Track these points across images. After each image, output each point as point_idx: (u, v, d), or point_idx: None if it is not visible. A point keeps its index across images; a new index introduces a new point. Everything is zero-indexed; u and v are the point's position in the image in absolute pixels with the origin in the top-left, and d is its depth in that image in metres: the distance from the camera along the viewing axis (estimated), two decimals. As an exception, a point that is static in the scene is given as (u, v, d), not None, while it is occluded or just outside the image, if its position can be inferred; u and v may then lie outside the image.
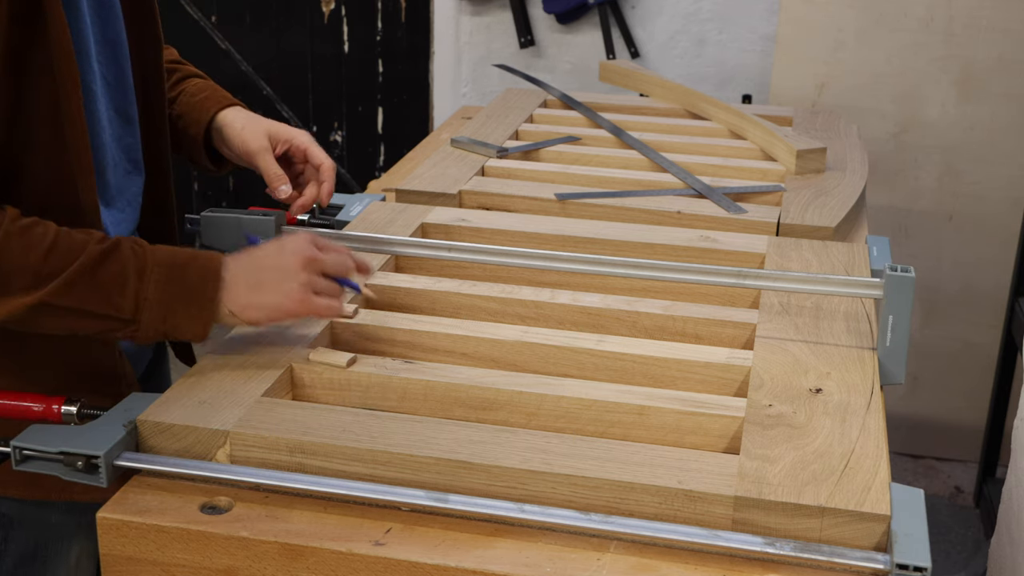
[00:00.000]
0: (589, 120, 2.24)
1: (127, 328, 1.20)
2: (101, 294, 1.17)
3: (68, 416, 1.19)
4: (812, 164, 1.94)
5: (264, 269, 1.24)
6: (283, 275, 1.23)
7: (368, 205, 1.72)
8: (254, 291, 1.23)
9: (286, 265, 1.24)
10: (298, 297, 1.23)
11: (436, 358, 1.33)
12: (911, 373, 3.04)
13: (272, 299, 1.23)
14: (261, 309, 1.23)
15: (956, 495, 3.05)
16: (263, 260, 1.25)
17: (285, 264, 1.24)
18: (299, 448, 1.11)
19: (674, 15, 3.09)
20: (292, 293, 1.23)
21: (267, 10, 3.52)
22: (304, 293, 1.23)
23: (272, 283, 1.23)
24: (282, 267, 1.24)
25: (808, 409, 1.18)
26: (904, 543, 0.98)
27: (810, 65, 2.93)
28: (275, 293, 1.23)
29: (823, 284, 1.35)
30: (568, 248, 1.59)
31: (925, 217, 2.98)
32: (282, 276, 1.23)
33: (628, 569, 1.00)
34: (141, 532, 1.05)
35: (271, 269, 1.24)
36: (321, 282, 1.25)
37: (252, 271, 1.24)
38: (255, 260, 1.25)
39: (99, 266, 1.17)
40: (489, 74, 3.23)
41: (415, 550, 1.02)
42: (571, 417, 1.20)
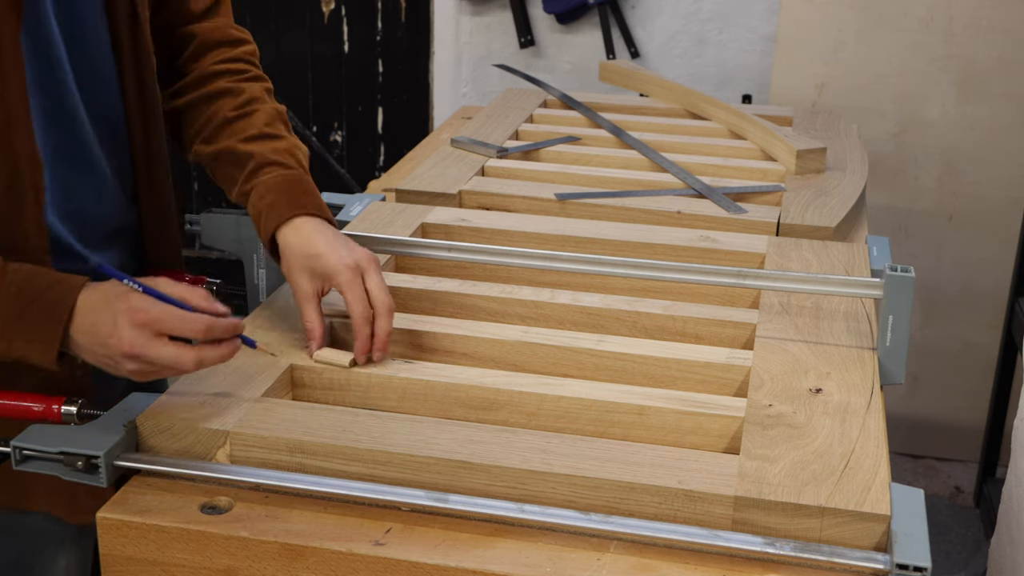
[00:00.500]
0: (589, 120, 2.23)
1: None
2: None
3: (68, 416, 1.19)
4: (812, 164, 1.94)
5: (95, 341, 1.11)
6: (109, 359, 1.12)
7: (368, 205, 1.72)
8: (90, 353, 1.13)
9: (111, 350, 1.10)
10: (126, 375, 1.12)
11: (436, 358, 1.33)
12: (911, 373, 3.04)
13: (105, 368, 1.13)
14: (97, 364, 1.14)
15: (956, 495, 3.05)
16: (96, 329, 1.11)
17: (110, 348, 1.10)
18: (299, 448, 1.11)
19: (674, 15, 3.09)
20: (123, 376, 1.12)
21: (267, 11, 3.51)
22: (136, 378, 1.12)
23: (101, 359, 1.12)
24: (107, 350, 1.11)
25: (808, 409, 1.18)
26: (904, 543, 0.98)
27: (810, 65, 2.93)
28: (109, 369, 1.13)
29: (823, 284, 1.35)
30: (568, 248, 1.59)
31: (925, 217, 2.98)
32: (108, 359, 1.12)
33: (628, 569, 1.00)
34: (141, 532, 1.05)
35: (101, 345, 1.11)
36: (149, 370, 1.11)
37: (89, 333, 1.12)
38: (92, 326, 1.11)
39: None
40: (489, 74, 3.23)
41: (415, 550, 1.02)
42: (571, 417, 1.20)
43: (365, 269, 1.28)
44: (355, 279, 1.26)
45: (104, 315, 1.11)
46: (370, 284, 1.27)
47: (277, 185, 1.34)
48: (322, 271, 1.27)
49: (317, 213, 1.32)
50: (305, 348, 1.28)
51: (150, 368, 1.11)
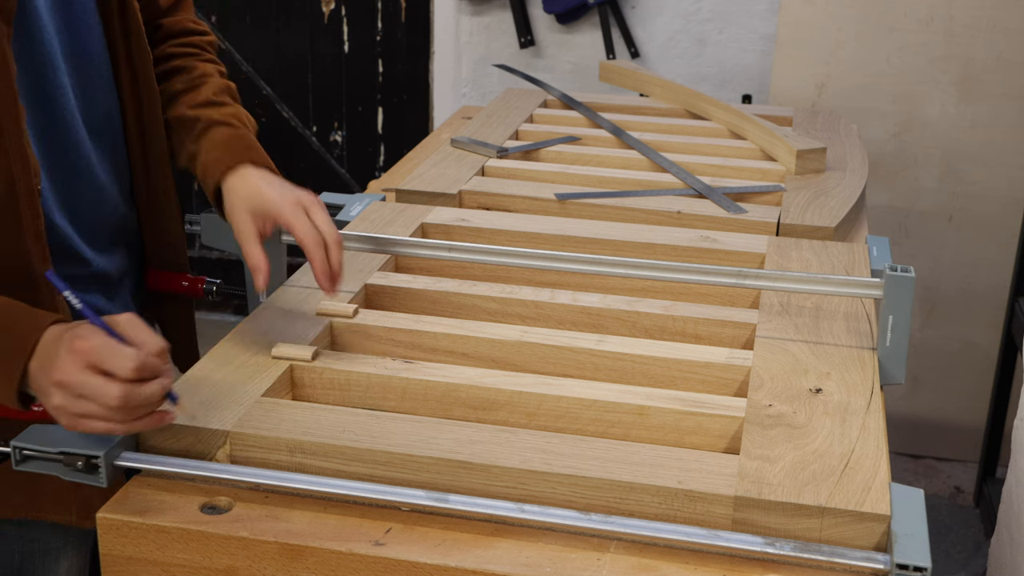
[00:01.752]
0: (589, 120, 2.24)
1: None
2: None
3: (68, 416, 1.19)
4: (812, 164, 1.94)
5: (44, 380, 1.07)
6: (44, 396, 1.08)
7: (368, 205, 1.72)
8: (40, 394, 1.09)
9: (48, 389, 1.06)
10: (62, 423, 1.07)
11: (436, 358, 1.33)
12: (911, 373, 3.04)
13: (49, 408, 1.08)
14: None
15: (956, 495, 3.05)
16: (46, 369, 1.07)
17: (47, 388, 1.06)
18: (299, 448, 1.11)
19: (674, 15, 3.09)
20: (57, 416, 1.07)
21: (267, 10, 3.51)
22: (61, 418, 1.07)
23: (41, 396, 1.09)
24: (44, 391, 1.08)
25: (808, 409, 1.18)
26: (904, 543, 0.98)
27: (810, 65, 2.93)
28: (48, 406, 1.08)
29: (823, 284, 1.35)
30: (568, 248, 1.59)
31: (925, 217, 2.98)
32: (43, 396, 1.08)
33: (628, 569, 1.00)
34: (141, 532, 1.05)
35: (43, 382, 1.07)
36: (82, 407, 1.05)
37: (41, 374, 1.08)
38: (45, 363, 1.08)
39: None
40: (489, 74, 3.23)
41: (415, 550, 1.02)
42: (571, 417, 1.20)
43: (308, 205, 1.29)
44: (299, 212, 1.28)
45: (52, 347, 1.07)
46: (316, 218, 1.28)
47: (223, 141, 1.38)
48: (264, 209, 1.29)
49: (262, 164, 1.36)
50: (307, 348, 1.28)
51: (74, 403, 1.05)
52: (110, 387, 1.03)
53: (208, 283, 1.47)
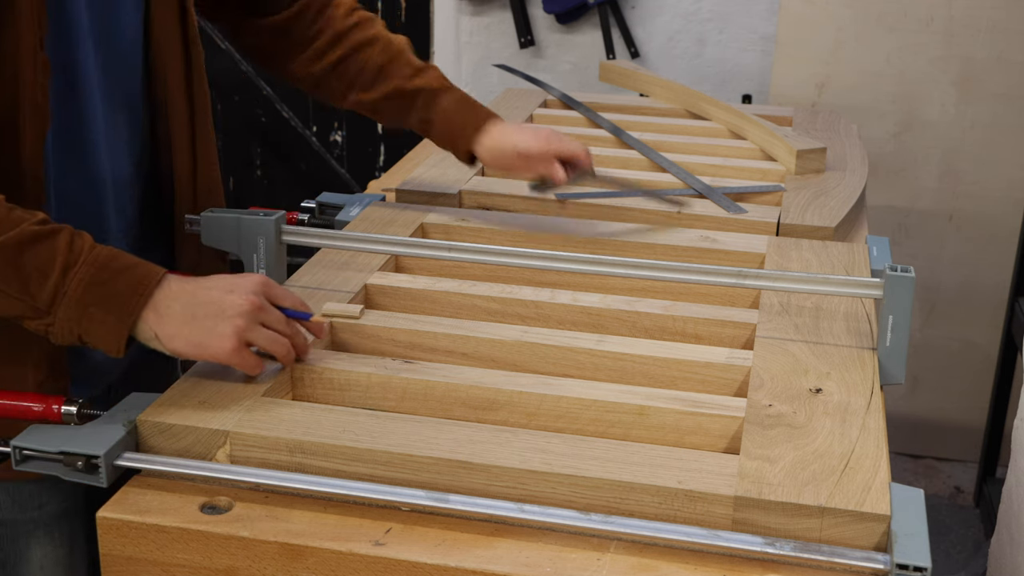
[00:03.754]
0: (589, 120, 2.24)
1: (42, 320, 1.14)
2: (21, 276, 1.12)
3: (68, 416, 1.19)
4: (812, 164, 1.94)
5: (203, 303, 1.16)
6: (220, 314, 1.16)
7: (368, 205, 1.72)
8: (185, 322, 1.16)
9: (228, 305, 1.16)
10: (229, 345, 1.16)
11: (436, 358, 1.33)
12: (911, 373, 3.04)
13: (201, 337, 1.16)
14: (187, 343, 1.16)
15: (956, 495, 3.05)
16: (206, 293, 1.17)
17: (227, 304, 1.16)
18: (299, 448, 1.11)
19: (674, 15, 3.09)
20: (224, 339, 1.16)
21: (267, 10, 3.51)
22: (235, 342, 1.16)
23: (207, 320, 1.16)
24: (223, 306, 1.16)
25: (808, 409, 1.18)
26: (904, 543, 0.98)
27: (810, 65, 2.93)
28: (206, 333, 1.16)
29: (823, 284, 1.35)
30: (568, 248, 1.59)
31: (925, 217, 2.98)
32: (219, 315, 1.16)
33: (628, 569, 1.00)
34: (141, 532, 1.05)
35: (211, 304, 1.16)
36: (260, 333, 1.18)
37: (191, 301, 1.16)
38: (198, 289, 1.18)
39: (27, 247, 1.12)
40: (489, 74, 3.23)
41: (415, 550, 1.02)
42: (571, 417, 1.20)
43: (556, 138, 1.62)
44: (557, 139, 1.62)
45: (214, 280, 1.19)
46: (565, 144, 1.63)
47: (460, 106, 1.63)
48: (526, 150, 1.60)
49: (495, 117, 1.64)
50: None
51: (260, 330, 1.18)
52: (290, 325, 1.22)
53: None
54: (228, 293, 1.17)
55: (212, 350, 1.16)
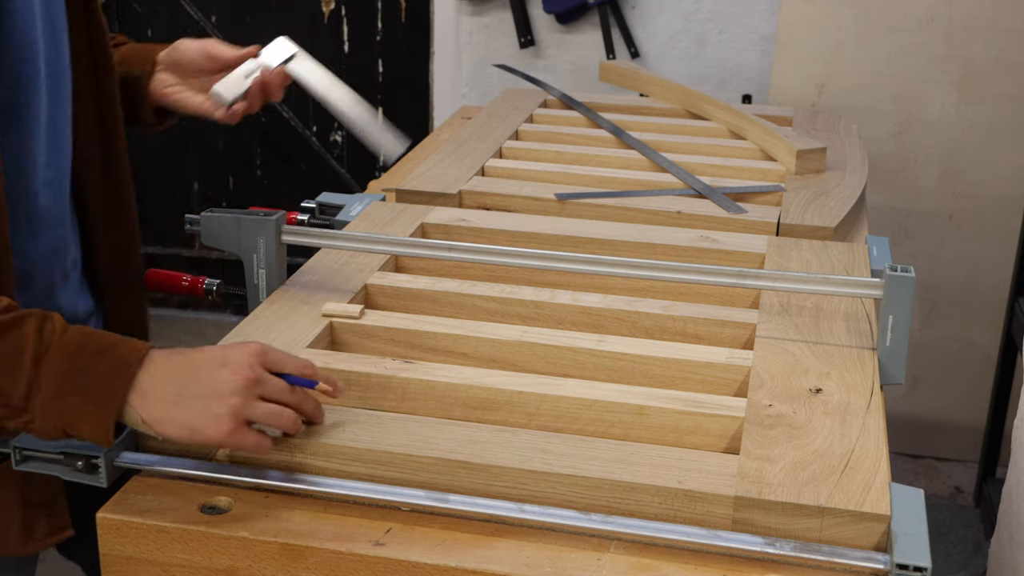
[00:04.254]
0: (589, 120, 2.23)
1: (20, 418, 1.04)
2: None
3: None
4: (812, 164, 1.94)
5: (194, 381, 1.05)
6: (213, 394, 1.04)
7: (368, 205, 1.72)
8: (175, 404, 1.04)
9: (219, 384, 1.04)
10: (225, 428, 1.04)
11: (436, 358, 1.33)
12: (911, 373, 3.04)
13: (193, 420, 1.04)
14: (179, 427, 1.04)
15: (956, 495, 3.05)
16: (196, 370, 1.05)
17: (219, 382, 1.04)
18: (299, 448, 1.11)
19: (674, 15, 3.09)
20: (219, 421, 1.04)
21: (267, 10, 3.51)
22: (232, 423, 1.04)
23: (198, 401, 1.04)
24: (215, 384, 1.04)
25: (808, 409, 1.18)
26: (904, 543, 0.98)
27: (810, 65, 2.93)
28: (199, 415, 1.04)
29: (823, 284, 1.35)
30: (568, 248, 1.59)
31: (925, 217, 2.98)
32: (211, 395, 1.04)
33: (628, 569, 1.00)
34: (141, 532, 1.05)
35: (202, 382, 1.05)
36: (259, 408, 1.06)
37: (179, 380, 1.05)
38: (188, 365, 1.06)
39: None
40: (489, 74, 3.23)
41: (415, 550, 1.02)
42: (571, 417, 1.20)
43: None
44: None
45: (204, 354, 1.07)
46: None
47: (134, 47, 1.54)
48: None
49: None
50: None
51: (259, 406, 1.06)
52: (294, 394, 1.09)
53: (208, 283, 1.46)
54: (220, 368, 1.05)
55: (208, 434, 1.04)
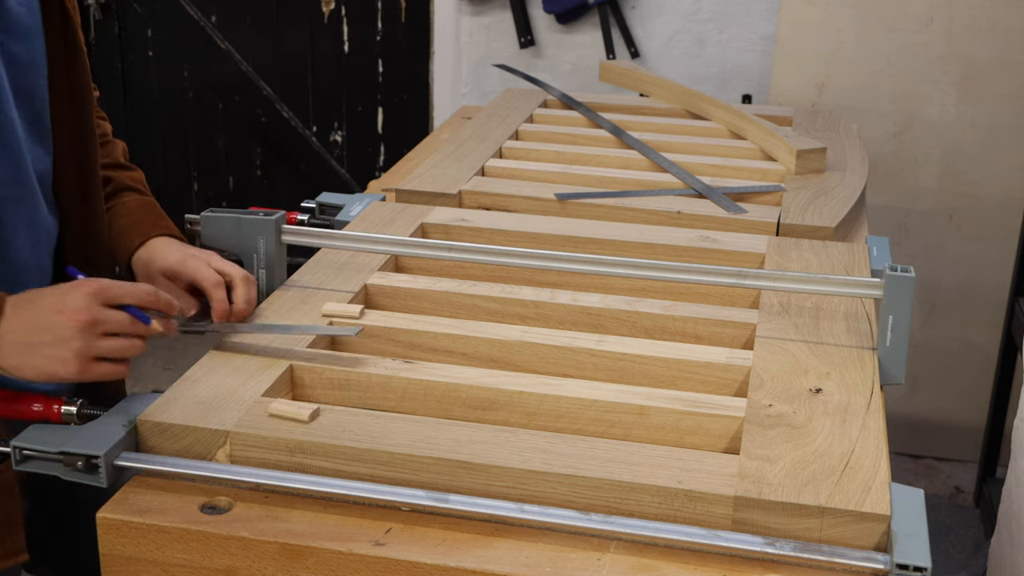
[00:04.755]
0: (589, 120, 2.23)
1: None
2: None
3: (68, 416, 1.19)
4: (812, 164, 1.94)
5: (38, 329, 1.13)
6: (56, 340, 1.12)
7: (368, 205, 1.72)
8: (24, 353, 1.13)
9: (60, 329, 1.12)
10: (73, 368, 1.13)
11: (436, 358, 1.33)
12: (911, 373, 3.04)
13: (46, 366, 1.13)
14: (36, 372, 1.13)
15: (956, 495, 3.05)
16: (39, 319, 1.13)
17: (59, 328, 1.12)
18: (299, 448, 1.11)
19: (674, 15, 3.09)
20: (66, 363, 1.13)
21: (267, 10, 3.51)
22: (79, 364, 1.13)
23: (44, 347, 1.12)
24: (56, 331, 1.12)
25: (808, 409, 1.18)
26: (904, 543, 0.98)
27: (810, 65, 2.93)
28: (47, 360, 1.13)
29: (823, 284, 1.35)
30: (568, 248, 1.59)
31: (925, 217, 2.98)
32: (55, 341, 1.12)
33: (628, 569, 1.00)
34: (141, 532, 1.05)
35: (45, 330, 1.12)
36: (103, 345, 1.14)
37: (26, 329, 1.13)
38: (31, 317, 1.13)
39: None
40: (489, 74, 3.23)
41: (415, 550, 1.02)
42: (571, 417, 1.20)
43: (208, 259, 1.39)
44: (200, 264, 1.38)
45: (45, 300, 1.14)
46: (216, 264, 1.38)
47: (137, 208, 1.48)
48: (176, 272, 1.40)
49: (172, 233, 1.47)
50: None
51: (102, 343, 1.13)
52: (137, 322, 1.16)
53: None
54: (58, 314, 1.12)
55: (61, 375, 1.13)
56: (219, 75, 3.57)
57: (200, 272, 1.36)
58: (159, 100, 3.64)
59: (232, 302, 1.35)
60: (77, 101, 1.36)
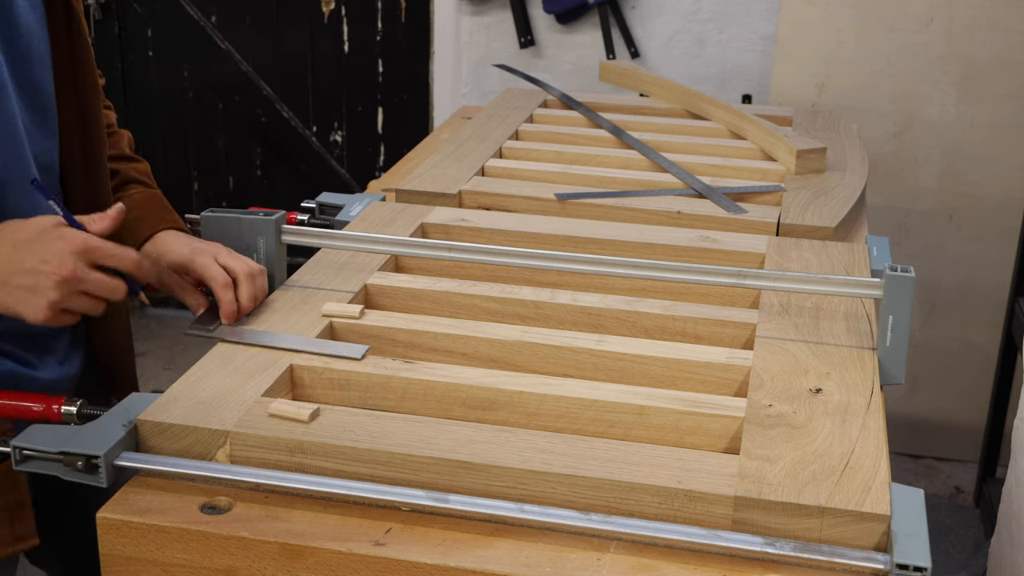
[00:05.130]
0: (589, 120, 2.23)
1: None
2: None
3: (68, 416, 1.19)
4: (812, 164, 1.94)
5: (18, 271, 1.15)
6: (34, 286, 1.15)
7: (368, 205, 1.72)
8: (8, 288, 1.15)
9: (41, 278, 1.15)
10: (40, 317, 1.16)
11: (436, 358, 1.33)
12: (911, 373, 3.04)
13: (15, 305, 1.16)
14: (3, 307, 1.16)
15: (956, 495, 3.05)
16: (21, 258, 1.15)
17: (40, 277, 1.15)
18: (299, 448, 1.11)
19: (674, 15, 3.09)
20: (37, 310, 1.16)
21: (267, 10, 3.51)
22: (49, 312, 1.16)
23: (19, 291, 1.15)
24: (36, 278, 1.15)
25: (808, 409, 1.18)
26: (904, 543, 0.98)
27: (810, 65, 2.93)
28: (20, 302, 1.16)
29: (823, 284, 1.35)
30: (568, 248, 1.59)
31: (925, 217, 2.98)
32: (32, 287, 1.15)
33: (628, 569, 1.00)
34: (141, 532, 1.05)
35: (25, 273, 1.15)
36: (75, 301, 1.17)
37: (6, 266, 1.15)
38: (14, 252, 1.15)
39: None
40: (489, 74, 3.23)
41: (415, 550, 1.02)
42: (571, 417, 1.20)
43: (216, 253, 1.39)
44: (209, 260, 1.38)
45: (31, 246, 1.15)
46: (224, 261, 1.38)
47: (143, 201, 1.49)
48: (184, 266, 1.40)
49: (178, 226, 1.48)
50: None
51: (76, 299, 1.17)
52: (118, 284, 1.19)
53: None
54: (42, 263, 1.14)
55: (27, 319, 1.16)
56: (219, 75, 3.57)
57: (208, 271, 1.37)
58: (159, 100, 3.64)
59: (237, 299, 1.36)
60: (82, 93, 1.37)
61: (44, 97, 1.33)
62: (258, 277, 1.39)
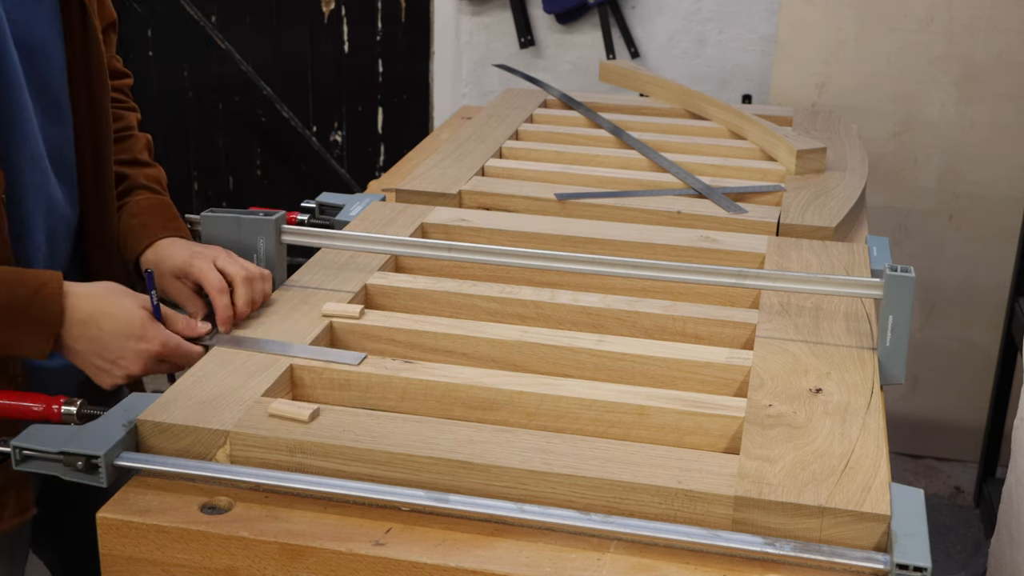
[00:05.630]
0: (589, 120, 2.23)
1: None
2: None
3: (68, 416, 1.19)
4: (812, 164, 1.94)
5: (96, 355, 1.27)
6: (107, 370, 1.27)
7: (368, 205, 1.72)
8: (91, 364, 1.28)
9: (114, 367, 1.27)
10: (106, 387, 1.29)
11: (436, 358, 1.33)
12: (911, 373, 3.04)
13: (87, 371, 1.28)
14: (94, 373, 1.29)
15: (956, 495, 3.05)
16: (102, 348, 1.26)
17: (114, 366, 1.27)
18: (299, 448, 1.11)
19: (674, 15, 3.09)
20: (103, 383, 1.28)
21: (267, 10, 3.51)
22: (121, 382, 1.29)
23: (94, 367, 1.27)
24: (111, 366, 1.27)
25: (808, 409, 1.18)
26: (904, 543, 0.98)
27: (810, 65, 2.93)
28: (91, 372, 1.28)
29: (823, 284, 1.35)
30: (568, 248, 1.59)
31: (925, 217, 2.98)
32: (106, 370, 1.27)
33: (628, 569, 1.00)
34: (141, 532, 1.05)
35: (101, 359, 1.27)
36: (149, 370, 1.29)
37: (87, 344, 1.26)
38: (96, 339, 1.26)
39: None
40: (489, 74, 3.23)
41: (415, 550, 1.02)
42: (571, 417, 1.20)
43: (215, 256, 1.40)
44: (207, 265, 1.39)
45: (121, 341, 1.26)
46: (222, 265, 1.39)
47: (149, 207, 1.49)
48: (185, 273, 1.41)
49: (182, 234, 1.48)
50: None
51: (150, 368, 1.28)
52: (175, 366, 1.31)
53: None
54: (120, 358, 1.27)
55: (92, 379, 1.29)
56: (219, 75, 3.57)
57: (205, 276, 1.37)
58: (159, 100, 3.64)
59: (234, 304, 1.36)
60: (95, 84, 1.39)
61: (56, 92, 1.34)
62: (257, 281, 1.38)
